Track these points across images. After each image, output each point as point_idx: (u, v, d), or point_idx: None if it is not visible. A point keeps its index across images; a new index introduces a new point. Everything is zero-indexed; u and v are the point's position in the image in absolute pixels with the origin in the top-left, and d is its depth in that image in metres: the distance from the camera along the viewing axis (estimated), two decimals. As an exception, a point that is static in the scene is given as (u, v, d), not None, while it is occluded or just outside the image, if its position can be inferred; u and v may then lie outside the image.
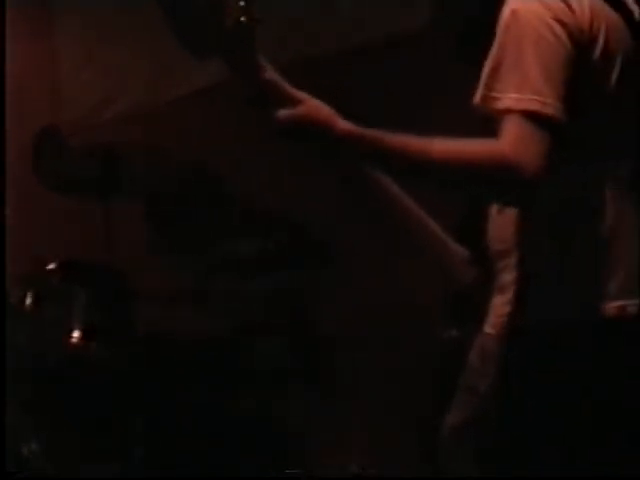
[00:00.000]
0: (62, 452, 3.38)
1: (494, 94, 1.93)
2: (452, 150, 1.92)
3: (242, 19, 1.95)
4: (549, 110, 1.89)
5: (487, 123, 2.10)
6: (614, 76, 1.99)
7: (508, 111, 1.90)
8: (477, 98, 1.96)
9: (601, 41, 1.97)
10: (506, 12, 1.95)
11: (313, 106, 1.98)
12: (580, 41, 1.94)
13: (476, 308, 2.10)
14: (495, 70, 1.93)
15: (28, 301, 3.49)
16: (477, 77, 2.09)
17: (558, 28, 1.92)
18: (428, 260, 2.27)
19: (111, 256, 3.79)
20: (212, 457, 3.50)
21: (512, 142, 1.87)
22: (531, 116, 1.88)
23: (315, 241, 3.84)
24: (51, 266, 3.54)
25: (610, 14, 2.01)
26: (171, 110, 4.45)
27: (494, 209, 2.09)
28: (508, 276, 2.05)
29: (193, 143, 4.26)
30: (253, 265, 3.82)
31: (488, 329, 2.06)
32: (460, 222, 2.21)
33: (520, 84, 1.90)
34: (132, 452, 3.42)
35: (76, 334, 3.47)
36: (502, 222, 2.07)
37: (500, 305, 2.06)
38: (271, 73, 2.01)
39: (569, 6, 1.95)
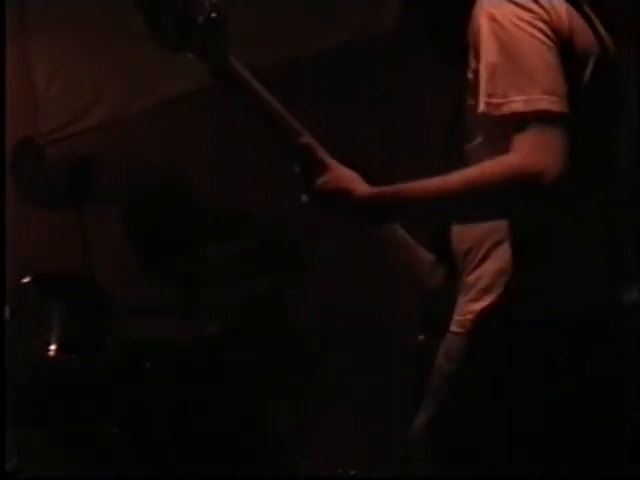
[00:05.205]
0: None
1: (496, 100, 1.88)
2: (469, 180, 1.88)
3: (213, 15, 2.02)
4: (559, 107, 1.85)
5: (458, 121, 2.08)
6: (587, 77, 1.96)
7: (517, 115, 1.85)
8: (481, 107, 1.90)
9: (574, 40, 1.94)
10: (481, 18, 1.91)
11: (336, 176, 2.04)
12: (560, 39, 1.91)
13: (444, 310, 2.08)
14: (491, 76, 1.89)
15: (6, 315, 3.45)
16: (446, 77, 2.07)
17: (542, 26, 1.89)
18: (397, 266, 2.28)
19: (87, 268, 3.75)
20: (200, 466, 3.47)
21: (527, 151, 1.83)
22: (542, 116, 1.83)
23: (290, 249, 3.84)
24: (26, 280, 3.51)
25: (575, 16, 1.98)
26: (147, 119, 4.44)
27: None
28: (471, 276, 2.04)
29: (170, 151, 4.24)
30: (233, 270, 3.80)
31: (453, 328, 2.05)
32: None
33: (523, 86, 1.85)
34: (113, 465, 3.40)
35: (53, 347, 3.44)
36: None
37: (463, 304, 2.05)
38: (308, 137, 2.09)
39: (541, 6, 1.91)
